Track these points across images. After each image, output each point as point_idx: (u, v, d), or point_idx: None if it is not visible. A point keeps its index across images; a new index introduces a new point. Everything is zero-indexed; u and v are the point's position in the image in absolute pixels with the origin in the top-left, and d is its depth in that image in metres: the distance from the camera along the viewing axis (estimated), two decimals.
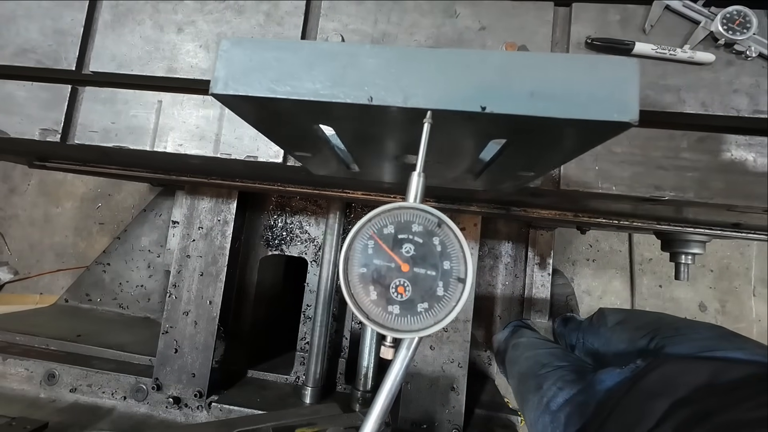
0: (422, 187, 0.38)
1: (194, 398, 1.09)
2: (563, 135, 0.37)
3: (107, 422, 1.06)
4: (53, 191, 2.15)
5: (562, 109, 0.33)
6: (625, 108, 0.32)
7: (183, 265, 1.14)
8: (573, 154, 0.46)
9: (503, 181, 0.62)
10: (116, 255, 1.63)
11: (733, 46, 0.65)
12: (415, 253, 0.36)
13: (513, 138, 0.40)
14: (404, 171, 0.61)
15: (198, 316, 1.12)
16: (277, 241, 1.27)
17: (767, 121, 0.64)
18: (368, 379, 1.13)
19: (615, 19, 0.68)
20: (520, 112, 0.33)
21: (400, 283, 0.36)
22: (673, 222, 0.88)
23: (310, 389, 1.13)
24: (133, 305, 1.59)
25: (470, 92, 0.34)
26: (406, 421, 1.06)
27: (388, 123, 0.40)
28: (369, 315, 0.36)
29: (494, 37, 0.70)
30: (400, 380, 0.38)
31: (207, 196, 1.15)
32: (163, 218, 1.62)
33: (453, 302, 0.35)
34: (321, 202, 1.27)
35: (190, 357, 1.11)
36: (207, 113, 0.76)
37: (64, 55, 0.77)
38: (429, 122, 0.36)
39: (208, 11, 0.76)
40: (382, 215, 0.36)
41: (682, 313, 1.76)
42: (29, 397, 1.13)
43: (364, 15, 0.73)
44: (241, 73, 0.36)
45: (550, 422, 0.88)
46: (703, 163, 0.65)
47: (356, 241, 0.36)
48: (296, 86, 0.36)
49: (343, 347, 1.27)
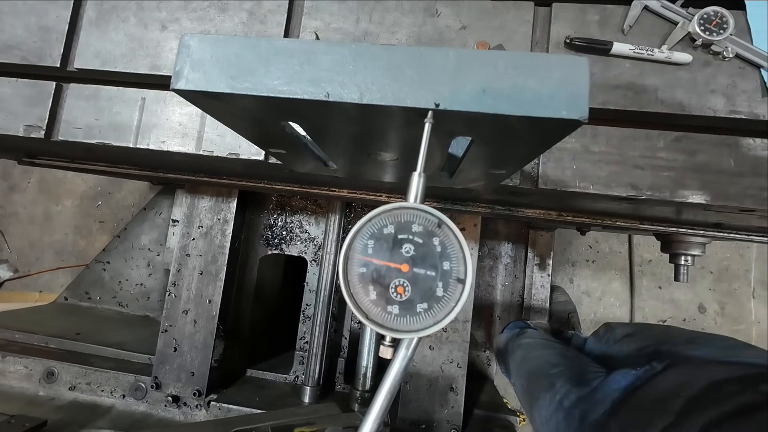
0: (422, 188, 0.38)
1: (193, 397, 1.09)
2: (519, 132, 0.38)
3: (106, 420, 1.06)
4: (53, 189, 2.15)
5: (513, 106, 0.33)
6: (575, 105, 0.32)
7: (183, 263, 1.14)
8: (535, 152, 0.46)
9: (477, 179, 0.63)
10: (116, 253, 1.63)
11: (710, 46, 0.65)
12: (414, 254, 0.36)
13: (474, 135, 0.41)
14: (382, 169, 0.61)
15: (197, 314, 1.12)
16: (277, 240, 1.27)
17: (743, 122, 0.65)
18: (367, 378, 1.13)
19: (594, 19, 0.69)
20: (472, 109, 0.33)
21: (400, 283, 0.36)
22: (672, 224, 0.88)
23: (309, 389, 1.13)
24: (132, 304, 1.59)
25: (425, 89, 0.34)
26: (405, 421, 1.06)
27: (350, 120, 0.40)
28: (368, 315, 0.36)
29: (475, 36, 0.71)
30: (399, 380, 0.38)
31: (207, 194, 1.15)
32: (163, 217, 1.62)
33: (452, 303, 0.35)
34: (321, 202, 1.27)
35: (189, 356, 1.11)
36: (190, 110, 0.76)
37: (49, 51, 0.78)
38: (430, 122, 0.36)
39: (192, 9, 0.77)
40: (382, 215, 0.36)
41: (681, 314, 1.76)
42: (28, 394, 1.13)
43: (346, 14, 0.74)
44: (201, 68, 0.36)
45: (563, 419, 0.87)
46: (679, 163, 0.66)
47: (356, 240, 0.36)
48: (255, 82, 0.36)
49: (342, 347, 1.27)
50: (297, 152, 0.57)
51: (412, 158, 0.40)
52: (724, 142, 0.66)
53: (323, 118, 0.41)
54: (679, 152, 0.66)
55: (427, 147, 0.37)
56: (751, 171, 0.64)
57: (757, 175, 0.64)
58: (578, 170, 0.67)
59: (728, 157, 0.65)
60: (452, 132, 0.42)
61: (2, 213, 2.16)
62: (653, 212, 0.82)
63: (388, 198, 0.92)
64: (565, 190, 0.67)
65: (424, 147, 0.37)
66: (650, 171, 0.66)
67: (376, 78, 0.35)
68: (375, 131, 0.44)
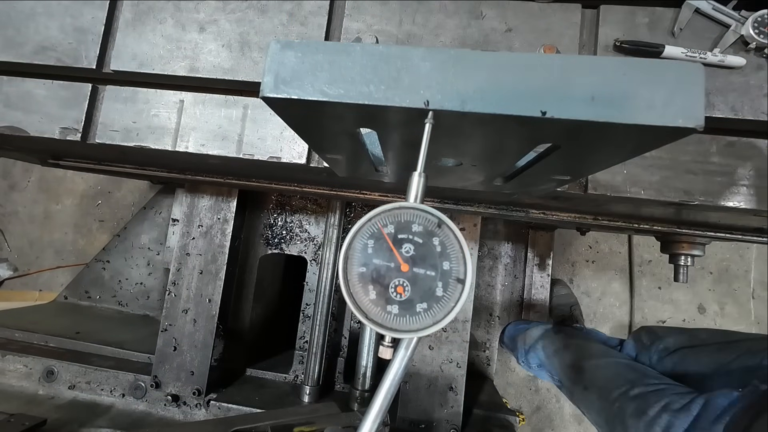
0: (423, 187, 0.38)
1: (193, 396, 1.09)
2: (620, 140, 0.36)
3: (105, 419, 1.06)
4: (53, 188, 2.15)
5: (624, 114, 0.32)
6: (691, 113, 0.32)
7: (182, 263, 1.14)
8: (622, 159, 0.44)
9: (535, 185, 0.60)
10: (116, 252, 1.63)
11: (763, 50, 0.64)
12: (414, 253, 0.36)
13: (564, 142, 0.39)
14: (438, 174, 0.59)
15: (197, 314, 1.12)
16: (276, 239, 1.27)
17: None
18: (367, 378, 1.13)
19: (643, 21, 0.67)
20: (581, 117, 0.32)
21: (400, 283, 0.36)
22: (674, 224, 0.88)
23: (309, 388, 1.13)
24: (132, 303, 1.59)
25: (530, 96, 0.33)
26: (404, 421, 1.06)
27: (439, 127, 0.38)
28: (368, 314, 0.36)
29: (521, 39, 0.69)
30: (398, 380, 0.38)
31: (207, 194, 1.15)
32: (163, 216, 1.62)
33: (452, 303, 0.35)
34: (321, 201, 1.27)
35: (188, 355, 1.11)
36: (230, 113, 0.75)
37: (85, 53, 0.77)
38: (431, 122, 0.36)
39: (231, 10, 0.75)
40: (382, 215, 0.36)
41: (681, 314, 1.76)
42: (28, 393, 1.13)
43: (388, 16, 0.72)
44: (291, 75, 0.35)
45: None
46: (732, 168, 0.64)
47: (356, 240, 0.36)
48: (349, 89, 0.35)
49: (342, 346, 1.27)
50: (354, 157, 0.55)
51: (481, 163, 0.38)
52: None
53: (409, 127, 0.39)
54: (732, 157, 0.65)
55: (427, 147, 0.37)
56: None
57: None
58: (629, 175, 0.65)
59: None
60: (540, 139, 0.40)
61: (2, 212, 2.16)
62: (694, 216, 0.81)
63: (387, 197, 0.91)
64: (617, 195, 0.65)
65: (425, 147, 0.37)
66: (703, 176, 0.65)
67: (478, 86, 0.34)
68: (457, 137, 0.42)
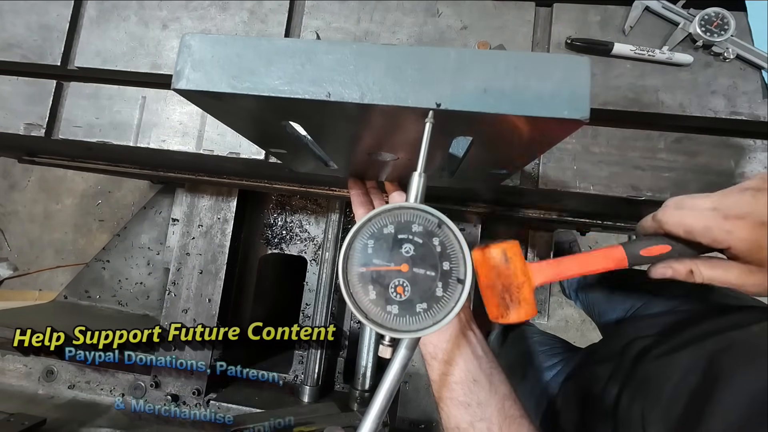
0: (423, 188, 0.38)
1: (192, 396, 1.09)
2: (520, 132, 0.38)
3: (105, 419, 1.06)
4: (53, 188, 2.15)
5: (514, 106, 0.33)
6: (576, 105, 0.32)
7: (182, 262, 1.14)
8: (536, 153, 0.46)
9: (478, 179, 0.62)
10: (116, 252, 1.63)
11: (711, 47, 0.65)
12: (414, 254, 0.36)
13: (475, 135, 0.41)
14: (382, 168, 0.61)
15: (197, 314, 1.12)
16: (276, 239, 1.27)
17: (743, 123, 0.65)
18: (366, 378, 1.13)
19: (595, 19, 0.69)
20: (473, 109, 0.33)
21: (399, 283, 0.36)
22: None
23: (309, 388, 1.13)
24: (132, 302, 1.59)
25: (426, 89, 0.34)
26: (404, 421, 1.06)
27: (351, 120, 0.40)
28: (368, 314, 0.36)
29: (476, 36, 0.71)
30: (398, 380, 0.38)
31: (207, 194, 1.15)
32: (162, 216, 1.62)
33: (452, 303, 0.35)
34: (321, 201, 1.27)
35: (188, 355, 1.11)
36: (190, 109, 0.76)
37: (50, 50, 0.78)
38: (431, 122, 0.36)
39: (193, 8, 0.77)
40: (382, 215, 0.36)
41: None
42: (27, 393, 1.13)
43: (347, 13, 0.74)
44: (202, 68, 0.36)
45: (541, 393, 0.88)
46: (680, 164, 0.66)
47: (356, 240, 0.36)
48: (256, 82, 0.35)
49: (341, 346, 1.27)
50: (297, 152, 0.57)
51: (413, 157, 0.40)
52: (725, 143, 0.66)
53: (324, 118, 0.41)
54: (680, 153, 0.66)
55: (427, 147, 0.37)
56: (751, 172, 0.64)
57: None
58: (579, 171, 0.67)
59: (729, 158, 0.65)
60: (453, 132, 0.41)
61: (2, 211, 2.16)
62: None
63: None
64: (566, 190, 0.67)
65: (425, 147, 0.37)
66: (651, 172, 0.66)
67: (377, 78, 0.35)
68: (376, 131, 0.44)
